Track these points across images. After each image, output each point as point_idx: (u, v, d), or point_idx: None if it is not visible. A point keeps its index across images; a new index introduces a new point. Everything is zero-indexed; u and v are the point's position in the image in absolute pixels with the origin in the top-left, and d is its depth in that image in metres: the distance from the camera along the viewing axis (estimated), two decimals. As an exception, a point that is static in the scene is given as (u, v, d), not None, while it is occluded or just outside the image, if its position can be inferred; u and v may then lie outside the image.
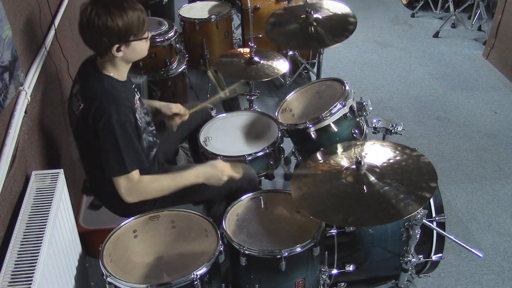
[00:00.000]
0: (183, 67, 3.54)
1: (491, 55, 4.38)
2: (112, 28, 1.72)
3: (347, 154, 1.95)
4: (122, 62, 1.87)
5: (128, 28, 1.76)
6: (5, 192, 1.60)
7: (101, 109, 1.76)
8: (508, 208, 2.84)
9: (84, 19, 1.73)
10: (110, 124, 1.75)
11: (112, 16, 1.72)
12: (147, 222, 1.93)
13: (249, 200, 2.04)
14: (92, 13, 1.71)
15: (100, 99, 1.78)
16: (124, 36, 1.77)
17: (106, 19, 1.71)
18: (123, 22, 1.74)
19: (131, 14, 1.76)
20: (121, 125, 1.77)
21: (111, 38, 1.75)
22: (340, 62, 4.45)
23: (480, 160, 3.22)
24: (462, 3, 4.99)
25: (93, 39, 1.77)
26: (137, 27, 1.79)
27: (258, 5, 3.63)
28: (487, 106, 3.81)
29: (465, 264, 2.49)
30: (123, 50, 1.80)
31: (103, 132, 1.77)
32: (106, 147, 1.79)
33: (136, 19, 1.77)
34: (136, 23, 1.78)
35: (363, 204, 1.68)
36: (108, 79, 1.84)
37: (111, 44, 1.76)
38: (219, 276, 1.86)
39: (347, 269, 2.05)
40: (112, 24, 1.72)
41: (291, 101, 2.63)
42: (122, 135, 1.78)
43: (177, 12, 3.78)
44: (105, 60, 1.84)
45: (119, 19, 1.72)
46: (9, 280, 1.41)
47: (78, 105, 1.84)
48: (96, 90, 1.81)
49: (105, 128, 1.76)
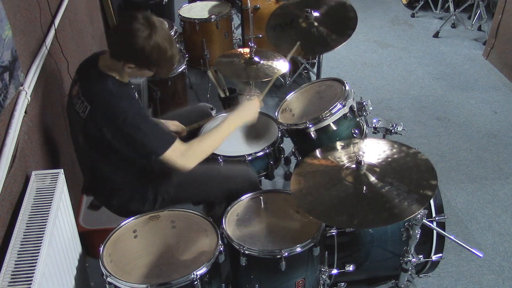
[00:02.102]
0: (183, 67, 3.53)
1: (491, 55, 4.38)
2: (144, 54, 1.74)
3: (345, 152, 1.95)
4: (127, 74, 1.88)
5: (155, 63, 1.79)
6: (5, 192, 1.60)
7: (113, 110, 1.77)
8: (508, 208, 2.84)
9: (129, 28, 1.71)
10: (128, 118, 1.76)
11: (154, 45, 1.72)
12: (147, 222, 1.93)
13: (249, 200, 2.04)
14: (141, 30, 1.70)
15: (109, 101, 1.79)
16: (146, 65, 1.80)
17: (147, 45, 1.71)
18: (157, 57, 1.76)
19: (168, 54, 1.78)
20: (137, 114, 1.78)
21: (135, 59, 1.77)
22: (340, 62, 4.45)
23: (480, 160, 3.22)
24: (462, 3, 4.99)
25: (122, 47, 1.77)
26: (163, 66, 1.82)
27: (258, 5, 3.63)
28: (487, 106, 3.81)
29: (465, 264, 2.49)
30: (132, 68, 1.81)
31: (128, 129, 1.77)
32: (138, 139, 1.79)
33: (168, 60, 1.81)
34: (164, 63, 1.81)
35: (366, 205, 1.68)
36: (112, 80, 1.84)
37: (130, 62, 1.78)
38: (219, 276, 1.86)
39: (347, 269, 2.05)
40: (147, 53, 1.73)
41: (291, 101, 2.63)
42: (144, 122, 1.79)
43: (177, 12, 3.79)
44: (113, 64, 1.83)
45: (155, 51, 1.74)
46: (9, 280, 1.41)
47: (83, 106, 1.83)
48: (101, 92, 1.81)
49: (126, 125, 1.76)
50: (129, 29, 1.72)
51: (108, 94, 1.80)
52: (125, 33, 1.74)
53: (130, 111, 1.77)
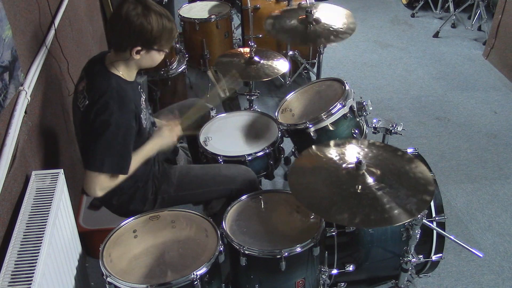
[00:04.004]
0: (183, 67, 3.54)
1: (491, 55, 4.38)
2: (146, 31, 1.74)
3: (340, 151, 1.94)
4: (135, 65, 1.87)
5: (158, 36, 1.78)
6: (5, 192, 1.60)
7: (104, 106, 1.76)
8: (508, 208, 2.84)
9: (123, 11, 1.73)
10: (108, 121, 1.75)
11: (150, 18, 1.73)
12: (147, 222, 1.93)
13: (249, 200, 2.04)
14: (134, 9, 1.72)
15: (106, 96, 1.78)
16: (151, 43, 1.79)
17: (145, 20, 1.72)
18: (158, 29, 1.76)
19: (167, 24, 1.78)
20: (117, 126, 1.76)
21: (139, 39, 1.76)
22: (340, 62, 4.45)
23: (480, 160, 3.22)
24: (462, 3, 4.99)
25: (122, 33, 1.77)
26: (166, 38, 1.81)
27: (258, 5, 3.63)
28: (487, 106, 3.81)
29: (465, 264, 2.49)
30: (142, 54, 1.81)
31: (98, 126, 1.75)
32: (95, 140, 1.76)
33: (168, 31, 1.80)
34: (167, 35, 1.80)
35: (367, 205, 1.67)
36: (116, 78, 1.83)
37: (136, 44, 1.77)
38: (219, 276, 1.86)
39: (347, 269, 2.05)
40: (147, 27, 1.73)
41: (291, 101, 2.63)
42: (114, 136, 1.77)
43: (177, 12, 3.78)
44: (119, 58, 1.83)
45: (155, 24, 1.74)
46: (9, 280, 1.41)
47: (84, 101, 1.83)
48: (103, 88, 1.80)
49: (102, 123, 1.75)
50: (122, 14, 1.73)
51: (107, 91, 1.79)
52: (120, 19, 1.75)
53: (115, 116, 1.75)
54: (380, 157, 1.85)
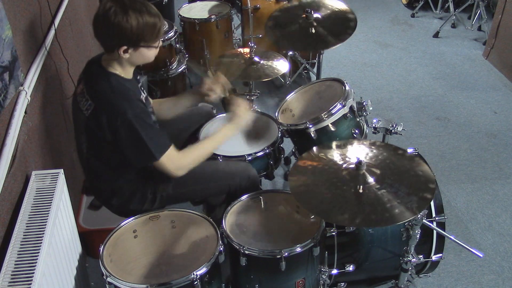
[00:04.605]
0: (183, 67, 3.53)
1: (491, 55, 4.38)
2: (125, 29, 1.73)
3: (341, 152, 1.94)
4: (127, 63, 1.87)
5: (140, 33, 1.76)
6: (5, 192, 1.60)
7: (114, 109, 1.77)
8: (508, 208, 2.84)
9: (101, 12, 1.73)
10: (127, 120, 1.76)
11: (128, 17, 1.72)
12: (147, 222, 1.93)
13: (249, 200, 2.04)
14: (110, 9, 1.71)
15: (111, 98, 1.79)
16: (134, 40, 1.77)
17: (122, 19, 1.71)
18: (138, 26, 1.74)
19: (148, 19, 1.76)
20: (137, 117, 1.78)
21: (121, 38, 1.75)
22: (340, 62, 4.45)
23: (480, 160, 3.22)
24: (462, 3, 4.99)
25: (105, 34, 1.78)
26: (150, 34, 1.79)
27: (258, 5, 3.63)
28: (487, 106, 3.80)
29: (465, 264, 2.49)
30: (130, 52, 1.80)
31: (124, 130, 1.77)
32: (134, 142, 1.80)
33: (151, 26, 1.77)
34: (149, 30, 1.78)
35: (367, 205, 1.67)
36: (115, 77, 1.84)
37: (120, 44, 1.77)
38: (219, 276, 1.86)
39: (347, 269, 2.05)
40: (126, 25, 1.72)
41: (291, 101, 2.63)
42: (142, 126, 1.79)
43: (177, 12, 3.78)
44: (111, 57, 1.84)
45: (134, 22, 1.72)
46: (9, 280, 1.41)
47: (87, 104, 1.83)
48: (105, 90, 1.81)
49: (125, 126, 1.77)
50: (102, 15, 1.73)
51: (110, 92, 1.80)
52: (100, 21, 1.75)
53: (129, 113, 1.76)
54: (380, 157, 1.86)
